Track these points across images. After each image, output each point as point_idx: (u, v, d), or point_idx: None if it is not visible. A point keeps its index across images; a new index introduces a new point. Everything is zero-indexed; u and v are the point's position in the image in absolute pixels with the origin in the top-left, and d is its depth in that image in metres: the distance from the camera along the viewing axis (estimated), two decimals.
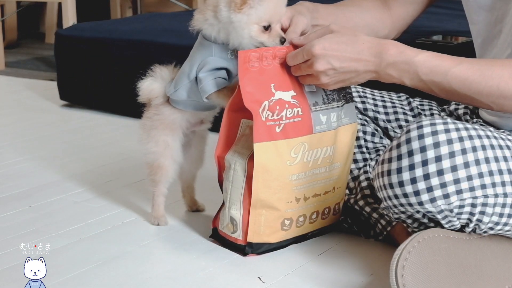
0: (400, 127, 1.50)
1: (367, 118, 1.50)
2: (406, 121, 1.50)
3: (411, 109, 1.53)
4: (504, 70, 1.12)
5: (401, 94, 1.56)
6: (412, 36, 2.03)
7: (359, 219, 1.44)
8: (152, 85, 1.43)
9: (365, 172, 1.43)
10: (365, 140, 1.48)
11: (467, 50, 1.47)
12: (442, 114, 1.50)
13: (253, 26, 1.27)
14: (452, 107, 1.49)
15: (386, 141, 1.49)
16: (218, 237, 1.39)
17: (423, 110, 1.53)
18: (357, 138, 1.46)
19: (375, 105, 1.51)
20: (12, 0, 4.11)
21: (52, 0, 3.77)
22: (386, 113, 1.51)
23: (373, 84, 1.60)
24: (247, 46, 1.28)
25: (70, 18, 3.13)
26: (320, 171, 1.34)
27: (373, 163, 1.44)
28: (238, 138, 1.33)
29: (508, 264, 1.15)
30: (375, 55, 1.18)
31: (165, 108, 1.43)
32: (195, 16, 1.34)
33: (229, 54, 1.32)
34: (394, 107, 1.52)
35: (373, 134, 1.49)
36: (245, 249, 1.33)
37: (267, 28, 1.28)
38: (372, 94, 1.54)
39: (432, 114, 1.51)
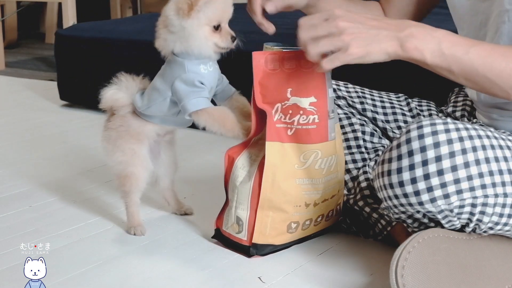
0: (399, 127, 1.50)
1: (366, 119, 1.50)
2: (405, 121, 1.51)
3: (410, 110, 1.53)
4: None
5: (400, 95, 1.56)
6: None
7: (358, 219, 1.44)
8: (117, 94, 1.39)
9: (364, 172, 1.43)
10: (364, 140, 1.48)
11: None
12: (440, 115, 1.50)
13: (204, 27, 1.28)
14: (450, 109, 1.49)
15: (385, 141, 1.50)
16: (221, 238, 1.38)
17: (422, 110, 1.53)
18: (356, 138, 1.46)
19: (374, 105, 1.52)
20: (12, 0, 4.12)
21: (52, 0, 3.77)
22: (385, 114, 1.51)
23: (372, 84, 1.60)
24: (206, 50, 1.30)
25: (70, 18, 3.14)
26: (332, 177, 1.34)
27: (372, 163, 1.44)
28: (255, 142, 1.33)
29: (508, 264, 1.15)
30: (396, 22, 1.12)
31: (133, 120, 1.39)
32: (156, 44, 1.34)
33: (201, 67, 1.31)
34: (392, 107, 1.53)
35: (372, 134, 1.49)
36: (249, 250, 1.32)
37: (217, 28, 1.30)
38: (371, 95, 1.54)
39: (430, 115, 1.51)
